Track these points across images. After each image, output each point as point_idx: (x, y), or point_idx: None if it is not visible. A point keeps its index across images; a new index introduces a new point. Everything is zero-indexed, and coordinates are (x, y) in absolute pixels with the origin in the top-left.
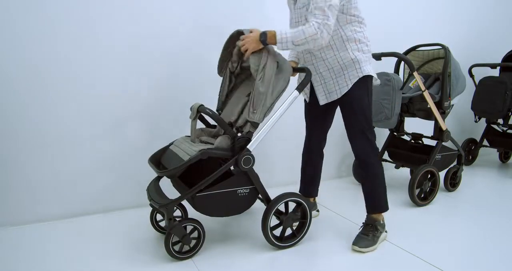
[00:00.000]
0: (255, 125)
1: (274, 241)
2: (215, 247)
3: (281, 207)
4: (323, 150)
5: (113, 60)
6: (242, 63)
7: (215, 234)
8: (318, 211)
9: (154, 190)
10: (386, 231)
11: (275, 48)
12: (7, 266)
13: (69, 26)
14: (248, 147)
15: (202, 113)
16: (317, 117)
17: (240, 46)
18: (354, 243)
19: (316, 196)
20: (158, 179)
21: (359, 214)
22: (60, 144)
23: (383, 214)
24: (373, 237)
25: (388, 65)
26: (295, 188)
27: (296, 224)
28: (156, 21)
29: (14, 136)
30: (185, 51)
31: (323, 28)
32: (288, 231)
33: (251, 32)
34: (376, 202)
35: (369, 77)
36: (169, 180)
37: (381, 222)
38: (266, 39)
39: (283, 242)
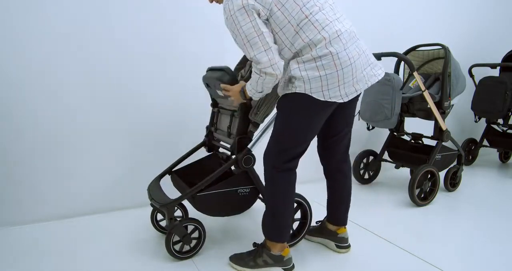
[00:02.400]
0: (256, 125)
1: None
2: (215, 247)
3: None
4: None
5: (115, 60)
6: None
7: (215, 234)
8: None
9: (155, 189)
10: (284, 269)
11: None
12: (7, 266)
13: (72, 26)
14: (248, 146)
15: None
16: None
17: (224, 94)
18: (231, 255)
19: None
20: (159, 178)
21: (359, 214)
22: (60, 144)
23: (281, 245)
24: (252, 260)
25: (388, 65)
26: (296, 188)
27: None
28: (162, 21)
29: (14, 136)
30: (188, 52)
31: (264, 70)
32: None
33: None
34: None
35: (307, 98)
36: (170, 179)
37: (273, 253)
38: (245, 97)
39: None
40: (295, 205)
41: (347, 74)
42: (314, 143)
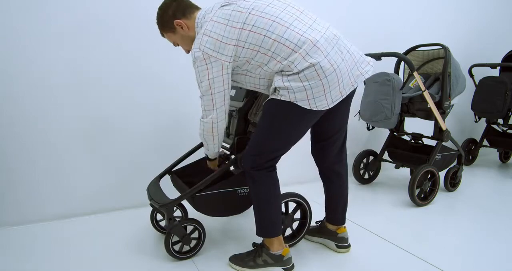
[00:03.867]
0: (255, 125)
1: None
2: (215, 247)
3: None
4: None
5: (115, 61)
6: None
7: (215, 234)
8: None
9: (154, 189)
10: (283, 269)
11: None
12: (7, 266)
13: (71, 28)
14: None
15: None
16: None
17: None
18: (231, 256)
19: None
20: (158, 178)
21: (359, 213)
22: (60, 144)
23: (278, 243)
24: (251, 260)
25: (388, 65)
26: (296, 188)
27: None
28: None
29: (14, 136)
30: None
31: (201, 123)
32: (288, 231)
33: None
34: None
35: (292, 105)
36: (170, 179)
37: (272, 252)
38: (208, 158)
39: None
40: (295, 205)
41: (333, 81)
42: (300, 145)
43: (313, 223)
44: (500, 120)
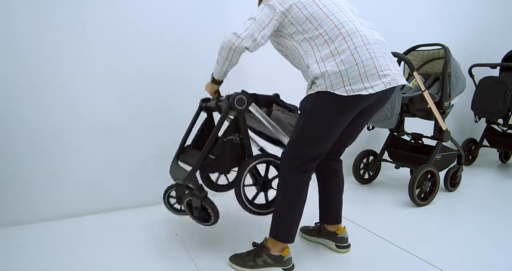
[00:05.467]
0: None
1: (246, 203)
2: (215, 246)
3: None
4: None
5: (114, 61)
6: None
7: (215, 234)
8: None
9: (175, 169)
10: (283, 269)
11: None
12: (7, 266)
13: (64, 26)
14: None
15: None
16: None
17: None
18: (231, 256)
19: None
20: (176, 159)
21: (359, 214)
22: (61, 144)
23: (281, 245)
24: (251, 260)
25: None
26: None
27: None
28: (158, 19)
29: (13, 135)
30: (190, 50)
31: (229, 34)
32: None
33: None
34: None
35: (328, 95)
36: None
37: (272, 253)
38: (213, 79)
39: (255, 207)
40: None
41: (369, 67)
42: None
43: (312, 224)
44: (500, 120)
